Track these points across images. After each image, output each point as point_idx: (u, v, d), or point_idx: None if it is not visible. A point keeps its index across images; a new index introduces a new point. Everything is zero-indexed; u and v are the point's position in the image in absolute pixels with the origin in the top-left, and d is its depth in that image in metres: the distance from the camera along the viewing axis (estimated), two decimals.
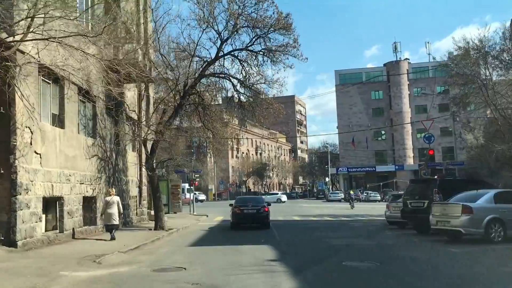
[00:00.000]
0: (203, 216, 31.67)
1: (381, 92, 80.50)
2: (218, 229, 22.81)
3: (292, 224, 25.77)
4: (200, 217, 30.57)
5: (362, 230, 20.80)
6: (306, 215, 34.71)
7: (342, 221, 27.92)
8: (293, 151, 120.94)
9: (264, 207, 21.78)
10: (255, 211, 21.58)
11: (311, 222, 27.06)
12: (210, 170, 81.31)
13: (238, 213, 21.50)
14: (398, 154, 78.16)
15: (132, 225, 22.35)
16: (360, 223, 25.36)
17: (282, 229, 21.50)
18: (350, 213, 36.44)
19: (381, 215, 33.24)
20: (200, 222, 27.66)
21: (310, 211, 39.96)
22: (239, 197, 25.84)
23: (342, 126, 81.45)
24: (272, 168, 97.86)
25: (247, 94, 21.74)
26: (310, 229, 21.74)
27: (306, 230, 21.50)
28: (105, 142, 19.35)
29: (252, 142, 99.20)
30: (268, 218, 21.81)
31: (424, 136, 30.79)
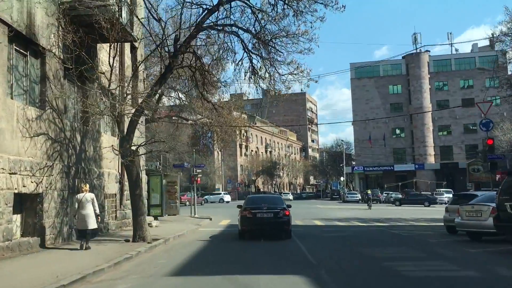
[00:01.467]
0: (205, 220, 25.76)
1: (399, 86, 74.13)
2: (221, 238, 16.85)
3: (316, 231, 19.76)
4: (202, 221, 24.67)
5: (420, 243, 14.75)
6: (328, 218, 28.74)
7: (377, 227, 21.84)
8: (303, 149, 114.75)
9: (284, 209, 15.84)
10: (271, 215, 15.63)
11: (339, 229, 21.03)
12: (217, 169, 75.48)
13: (249, 218, 15.58)
14: (418, 152, 71.72)
15: (107, 233, 16.50)
16: (404, 231, 19.25)
17: (308, 240, 15.55)
18: (379, 216, 30.42)
19: (416, 219, 27.61)
20: (201, 227, 21.76)
21: (330, 214, 33.96)
22: (251, 197, 19.86)
23: (357, 122, 75.12)
24: (282, 167, 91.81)
25: (263, 54, 15.54)
26: (345, 240, 15.76)
27: (340, 241, 15.50)
28: (62, 117, 13.49)
29: (262, 139, 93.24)
30: (289, 225, 15.88)
31: (480, 123, 24.58)
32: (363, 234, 18.03)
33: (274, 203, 16.46)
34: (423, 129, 71.21)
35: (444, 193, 55.04)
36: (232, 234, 17.55)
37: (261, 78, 15.80)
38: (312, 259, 11.14)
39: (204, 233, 18.80)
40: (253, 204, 16.42)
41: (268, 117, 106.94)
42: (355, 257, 11.60)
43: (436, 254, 12.14)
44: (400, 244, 14.47)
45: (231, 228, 20.71)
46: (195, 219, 25.75)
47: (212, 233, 18.61)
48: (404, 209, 42.54)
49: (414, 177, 69.79)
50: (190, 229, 20.03)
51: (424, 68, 71.88)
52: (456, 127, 71.79)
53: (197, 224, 22.62)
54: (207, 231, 19.88)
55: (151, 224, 19.77)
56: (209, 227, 22.31)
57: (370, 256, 11.67)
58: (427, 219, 28.40)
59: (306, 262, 10.71)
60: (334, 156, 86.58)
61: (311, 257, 11.46)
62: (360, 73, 75.22)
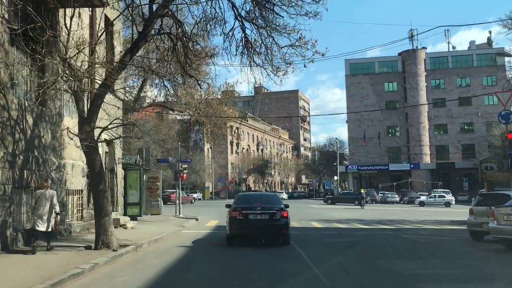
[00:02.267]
0: (191, 220, 22.90)
1: (395, 83, 71.67)
2: (206, 244, 14.05)
3: (316, 235, 17.04)
4: (186, 222, 21.82)
5: (448, 253, 12.08)
6: (326, 219, 26.08)
7: (384, 230, 19.13)
8: (296, 148, 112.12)
9: (282, 210, 13.09)
10: (266, 217, 12.87)
11: (342, 232, 18.31)
12: (207, 166, 72.56)
13: (239, 220, 12.82)
14: (413, 152, 69.32)
15: (69, 236, 13.61)
16: (418, 235, 16.57)
17: (311, 248, 12.83)
18: (380, 218, 27.88)
19: (420, 221, 25.15)
20: (185, 229, 18.92)
21: (327, 214, 31.29)
22: (242, 194, 16.45)
23: (352, 120, 72.65)
24: (274, 165, 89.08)
25: (258, 21, 12.65)
26: (355, 248, 13.06)
27: (350, 249, 12.78)
28: (6, 92, 10.60)
29: (253, 137, 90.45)
30: (288, 229, 13.13)
31: (499, 115, 21.95)
32: (373, 240, 15.31)
33: (270, 203, 13.69)
34: (419, 128, 68.88)
35: (443, 193, 52.62)
36: (219, 238, 14.76)
37: (256, 53, 12.96)
38: (323, 277, 8.36)
39: (186, 236, 15.97)
40: (244, 203, 13.64)
41: (260, 114, 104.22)
42: (377, 274, 8.84)
43: (476, 269, 9.45)
44: (425, 254, 11.77)
45: (218, 230, 17.92)
46: (180, 220, 22.89)
47: (196, 237, 15.80)
48: (401, 209, 39.99)
49: (409, 177, 67.45)
50: (171, 231, 17.19)
51: (421, 65, 69.53)
52: (452, 126, 69.55)
53: (181, 225, 19.77)
54: (191, 234, 17.06)
55: (125, 226, 16.93)
56: (194, 229, 19.48)
57: (396, 272, 8.92)
58: (432, 221, 25.89)
59: (317, 283, 7.95)
60: (327, 155, 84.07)
61: (320, 273, 8.69)
62: (355, 69, 72.74)
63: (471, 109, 69.16)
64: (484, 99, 68.72)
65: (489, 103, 68.49)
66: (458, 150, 68.99)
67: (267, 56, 12.47)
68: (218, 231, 17.76)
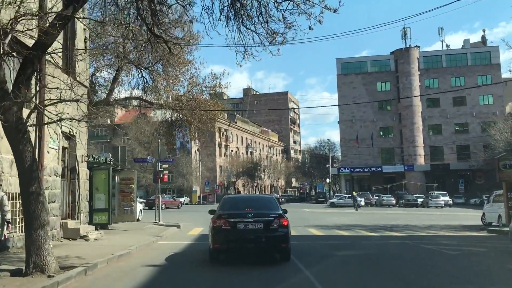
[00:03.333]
0: (171, 228, 19.75)
1: (388, 83, 69.10)
2: (183, 261, 10.94)
3: (320, 246, 14.01)
4: (166, 230, 18.66)
5: (501, 271, 9.12)
6: (324, 225, 23.14)
7: (398, 239, 16.15)
8: (285, 151, 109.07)
9: (280, 217, 10.03)
10: (261, 227, 9.80)
11: (348, 241, 15.32)
12: (194, 169, 69.23)
13: (225, 231, 9.76)
14: (407, 153, 66.73)
15: (6, 253, 10.39)
16: (442, 246, 13.61)
17: (318, 266, 9.84)
18: (383, 223, 25.11)
19: (429, 226, 22.69)
20: (161, 240, 15.78)
21: (323, 219, 28.40)
22: (229, 197, 12.94)
23: (344, 121, 69.95)
24: (263, 168, 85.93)
25: None
26: (373, 265, 10.09)
27: (368, 267, 9.79)
28: None
29: (242, 139, 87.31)
30: (288, 241, 10.06)
31: None
32: (392, 253, 12.28)
33: (264, 207, 10.60)
34: (413, 129, 66.36)
35: (440, 195, 50.07)
36: (201, 251, 11.64)
37: (247, 15, 9.88)
38: None
39: (161, 250, 12.84)
40: (232, 208, 10.54)
41: (249, 116, 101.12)
42: None
43: None
44: (470, 276, 8.78)
45: (202, 240, 14.79)
46: (158, 228, 19.71)
47: (173, 250, 12.67)
48: (400, 213, 37.21)
49: (403, 179, 64.83)
50: (144, 243, 14.04)
51: (414, 64, 67.09)
52: (447, 127, 67.16)
53: (158, 234, 16.60)
54: (168, 246, 13.93)
55: (87, 237, 13.74)
56: (173, 239, 16.33)
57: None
58: (442, 226, 23.22)
59: None
60: (318, 157, 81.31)
61: None
62: (347, 69, 70.09)
63: (465, 109, 66.89)
64: (479, 99, 66.55)
65: (484, 103, 66.35)
66: (453, 151, 66.61)
67: (260, 16, 9.42)
68: (201, 241, 14.65)
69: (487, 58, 66.16)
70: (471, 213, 37.68)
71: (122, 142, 65.44)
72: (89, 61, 21.30)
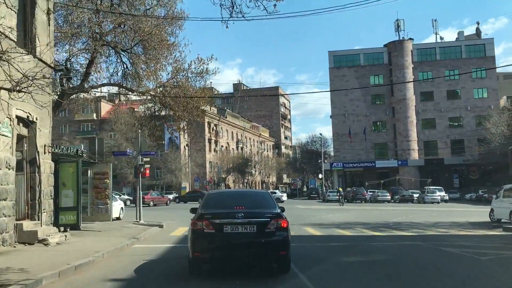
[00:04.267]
0: (152, 228, 17.55)
1: (381, 76, 67.18)
2: (157, 273, 8.76)
3: (322, 249, 11.92)
4: (146, 230, 16.46)
5: None
6: (321, 223, 21.11)
7: (408, 239, 14.13)
8: (276, 146, 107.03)
9: (278, 217, 7.90)
10: (254, 230, 7.67)
11: (353, 243, 13.28)
12: (184, 165, 66.95)
13: (209, 236, 7.63)
14: (400, 147, 64.95)
15: None
16: (466, 248, 11.61)
17: (326, 278, 7.73)
18: (384, 220, 23.19)
19: (435, 223, 20.93)
20: (138, 242, 13.59)
21: (319, 216, 26.40)
22: (214, 193, 10.44)
23: (336, 115, 67.99)
24: (254, 164, 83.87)
25: None
26: (397, 278, 7.98)
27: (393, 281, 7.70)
28: None
29: (233, 134, 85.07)
30: (288, 248, 7.90)
31: None
32: (408, 258, 10.20)
33: (258, 205, 8.44)
34: (406, 123, 64.54)
35: (436, 191, 48.33)
36: (183, 257, 9.41)
37: None
38: None
39: (134, 256, 10.67)
40: (217, 206, 8.36)
41: (240, 112, 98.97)
42: None
43: None
44: None
45: (185, 242, 12.45)
46: (138, 228, 17.50)
47: (148, 256, 10.52)
48: (398, 209, 35.32)
49: (397, 174, 63.07)
50: (115, 247, 11.85)
51: (408, 57, 65.22)
52: (441, 121, 65.47)
53: (135, 236, 14.40)
54: (143, 250, 11.74)
55: (46, 241, 11.54)
56: (152, 241, 14.14)
57: None
58: (448, 223, 21.48)
59: None
60: (309, 153, 79.36)
61: None
62: (339, 62, 68.02)
63: (460, 102, 65.26)
64: (474, 92, 64.98)
65: (479, 96, 64.77)
66: (447, 146, 64.95)
67: None
68: (184, 244, 12.33)
69: (482, 50, 64.53)
70: (472, 208, 35.95)
71: (109, 138, 62.98)
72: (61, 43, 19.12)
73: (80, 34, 18.70)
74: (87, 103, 24.58)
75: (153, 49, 19.84)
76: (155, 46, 19.72)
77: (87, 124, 72.44)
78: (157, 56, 19.80)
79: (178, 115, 21.51)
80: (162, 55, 20.23)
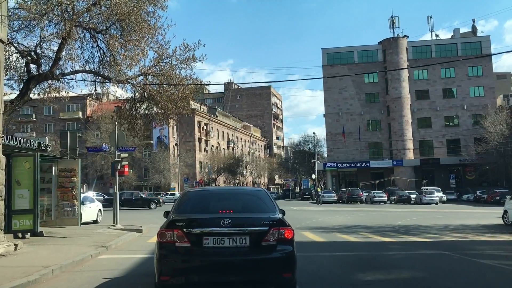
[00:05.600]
0: (129, 233, 15.17)
1: (376, 74, 65.21)
2: None
3: (330, 263, 9.66)
4: (120, 237, 14.09)
5: None
6: (320, 227, 18.85)
7: (431, 248, 11.94)
8: (268, 147, 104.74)
9: (280, 225, 5.61)
10: (246, 243, 5.40)
11: (365, 252, 11.05)
12: (172, 165, 64.50)
13: (182, 252, 5.33)
14: (395, 147, 63.01)
15: None
16: (507, 261, 9.42)
17: None
18: (389, 223, 21.11)
19: (445, 227, 19.07)
20: (105, 252, 11.23)
21: (315, 219, 24.11)
22: (192, 192, 7.40)
23: (330, 114, 65.94)
24: (245, 165, 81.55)
25: None
26: None
27: None
28: None
29: (224, 134, 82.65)
30: (294, 267, 5.62)
31: None
32: (447, 274, 7.96)
33: (252, 208, 6.17)
34: (401, 122, 62.62)
35: (434, 191, 46.33)
36: (153, 277, 7.11)
37: None
38: None
39: (93, 272, 8.34)
40: (196, 210, 6.07)
41: (231, 111, 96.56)
42: None
43: None
44: None
45: None
46: (112, 233, 15.12)
47: (110, 273, 8.19)
48: (397, 210, 33.21)
49: (391, 174, 61.18)
50: (75, 259, 9.49)
51: (403, 54, 63.35)
52: (436, 120, 63.67)
53: (104, 244, 12.01)
54: (108, 263, 9.42)
55: None
56: (123, 250, 11.79)
57: None
58: (460, 226, 19.38)
59: None
60: (302, 153, 77.19)
61: None
62: (333, 59, 65.98)
63: (455, 101, 63.51)
64: (470, 91, 63.26)
65: (475, 95, 63.06)
66: (443, 145, 63.17)
67: None
68: None
69: (478, 48, 62.82)
70: (474, 210, 33.93)
71: (94, 137, 60.30)
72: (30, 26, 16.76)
73: (49, 12, 16.27)
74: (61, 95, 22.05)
75: (133, 31, 17.52)
76: (134, 28, 17.40)
77: (72, 122, 69.68)
78: (136, 39, 17.46)
79: (161, 106, 19.18)
80: (142, 38, 17.90)
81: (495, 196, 43.46)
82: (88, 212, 20.23)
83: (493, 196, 44.00)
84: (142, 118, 20.93)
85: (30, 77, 17.35)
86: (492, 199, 43.35)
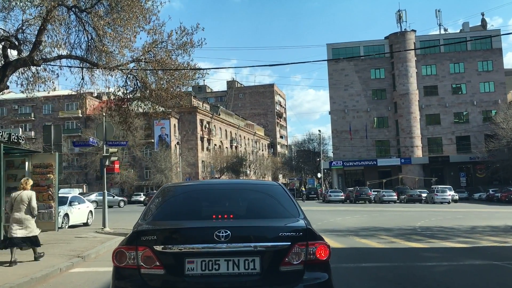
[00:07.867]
0: (116, 238, 13.11)
1: (382, 70, 63.03)
2: None
3: (358, 278, 7.55)
4: (104, 243, 12.03)
5: None
6: (334, 229, 16.69)
7: (475, 256, 9.83)
8: (272, 145, 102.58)
9: (310, 237, 3.50)
10: (256, 270, 3.31)
11: (397, 262, 8.96)
12: (174, 165, 62.52)
13: (154, 282, 3.20)
14: (403, 145, 60.80)
15: None
16: None
17: None
18: (406, 224, 18.98)
19: (473, 229, 17.18)
20: (80, 265, 9.17)
21: (326, 220, 22.01)
22: (172, 187, 4.99)
23: (336, 111, 63.78)
24: (249, 164, 79.46)
25: None
26: None
27: None
28: None
29: (226, 133, 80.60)
30: None
31: None
32: None
33: (263, 211, 4.06)
34: (409, 119, 60.38)
35: (446, 190, 44.07)
36: None
37: None
38: None
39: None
40: (177, 215, 3.97)
41: (234, 110, 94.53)
42: None
43: None
44: None
45: None
46: (96, 238, 13.06)
47: None
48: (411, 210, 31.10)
49: (399, 172, 58.96)
50: (37, 275, 7.43)
51: (411, 49, 61.03)
52: (445, 116, 61.41)
53: (81, 254, 9.95)
54: (78, 281, 7.37)
55: None
56: (101, 262, 9.68)
57: None
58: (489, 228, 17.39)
59: None
60: (307, 152, 75.02)
61: None
62: (338, 55, 63.68)
63: (465, 97, 61.24)
64: (480, 86, 60.97)
65: (485, 91, 60.76)
66: (452, 142, 60.92)
67: None
68: None
69: (488, 42, 60.51)
70: (492, 209, 31.74)
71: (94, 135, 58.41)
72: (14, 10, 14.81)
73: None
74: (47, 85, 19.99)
75: (122, 9, 15.49)
76: (124, 6, 15.36)
77: (71, 121, 67.80)
78: (125, 18, 15.41)
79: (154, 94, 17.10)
80: (132, 18, 15.84)
81: (509, 194, 41.33)
82: (77, 214, 18.25)
83: (507, 194, 41.83)
84: (135, 111, 18.93)
85: (6, 62, 15.36)
86: (507, 197, 41.22)
